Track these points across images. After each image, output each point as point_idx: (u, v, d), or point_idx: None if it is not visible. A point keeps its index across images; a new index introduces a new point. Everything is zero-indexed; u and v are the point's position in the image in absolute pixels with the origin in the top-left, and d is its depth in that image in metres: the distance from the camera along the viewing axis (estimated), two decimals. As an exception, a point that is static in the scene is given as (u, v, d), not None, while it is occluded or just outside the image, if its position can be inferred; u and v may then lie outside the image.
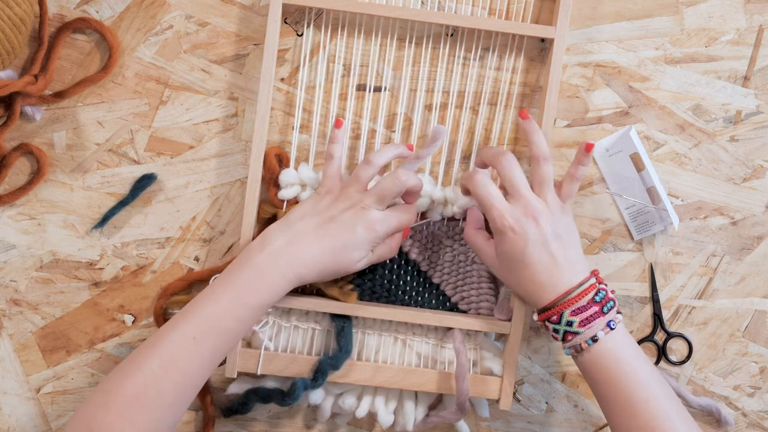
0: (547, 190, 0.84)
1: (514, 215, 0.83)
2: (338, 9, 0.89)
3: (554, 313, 0.83)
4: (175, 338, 0.78)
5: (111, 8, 0.93)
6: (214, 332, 0.79)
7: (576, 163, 0.85)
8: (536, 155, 0.84)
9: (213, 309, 0.80)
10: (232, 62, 0.93)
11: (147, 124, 0.93)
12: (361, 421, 0.97)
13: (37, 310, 0.94)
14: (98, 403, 0.76)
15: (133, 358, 0.78)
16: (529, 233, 0.83)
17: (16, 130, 0.93)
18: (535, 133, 0.85)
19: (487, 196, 0.84)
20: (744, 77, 0.95)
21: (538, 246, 0.83)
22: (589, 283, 0.83)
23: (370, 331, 0.93)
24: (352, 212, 0.84)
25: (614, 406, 0.81)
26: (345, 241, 0.84)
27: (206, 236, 0.94)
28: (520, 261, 0.83)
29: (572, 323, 0.82)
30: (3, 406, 0.95)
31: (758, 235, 0.95)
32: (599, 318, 0.82)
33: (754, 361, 0.96)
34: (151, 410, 0.76)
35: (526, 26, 0.90)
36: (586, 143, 0.84)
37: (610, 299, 0.83)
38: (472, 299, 0.93)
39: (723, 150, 0.95)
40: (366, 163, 0.86)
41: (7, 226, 0.94)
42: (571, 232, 0.85)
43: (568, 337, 0.83)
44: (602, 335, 0.81)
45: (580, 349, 0.82)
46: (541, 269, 0.83)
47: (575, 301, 0.82)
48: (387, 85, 0.93)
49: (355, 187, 0.85)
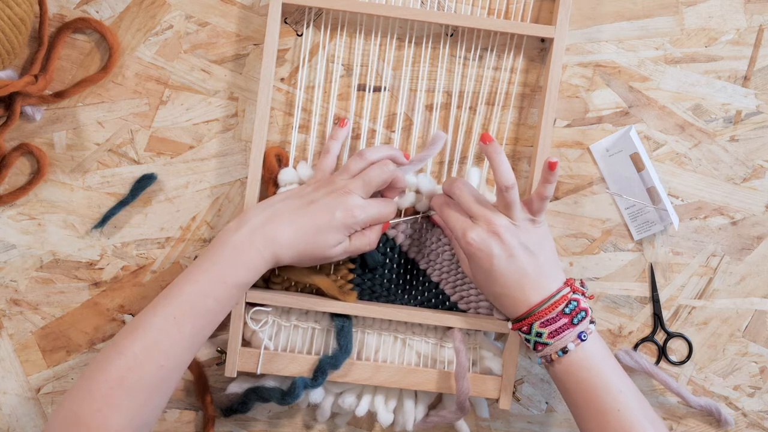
0: (513, 210, 0.83)
1: (476, 234, 0.83)
2: (338, 9, 0.89)
3: (524, 325, 0.83)
4: (156, 321, 0.78)
5: (111, 8, 0.93)
6: (194, 312, 0.79)
7: (543, 181, 0.83)
8: (499, 185, 0.82)
9: (191, 289, 0.80)
10: (232, 62, 0.93)
11: (147, 124, 0.93)
12: (361, 421, 0.97)
13: (37, 310, 0.94)
14: (82, 390, 0.76)
15: (115, 343, 0.78)
16: (494, 249, 0.83)
17: (16, 130, 0.93)
18: (497, 159, 0.82)
19: (452, 219, 0.86)
20: (744, 77, 0.95)
21: (504, 260, 0.83)
22: (560, 294, 0.83)
23: (369, 331, 0.93)
24: (334, 196, 0.84)
25: (586, 415, 0.82)
26: (322, 223, 0.83)
27: (206, 236, 0.94)
28: (489, 277, 0.84)
29: (541, 334, 0.83)
30: (3, 406, 0.95)
31: (758, 235, 0.95)
32: (569, 330, 0.82)
33: (754, 361, 0.96)
34: (135, 394, 0.76)
35: (526, 26, 0.90)
36: (549, 161, 0.81)
37: (581, 310, 0.83)
38: (472, 298, 0.93)
39: (723, 150, 0.95)
40: (358, 156, 0.87)
41: (7, 226, 0.94)
42: (543, 243, 0.85)
43: (538, 347, 0.83)
44: (572, 347, 0.82)
45: (550, 360, 0.83)
46: (511, 283, 0.83)
47: (545, 314, 0.82)
48: (387, 85, 0.93)
49: (343, 176, 0.86)
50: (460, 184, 0.87)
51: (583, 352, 0.82)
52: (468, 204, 0.85)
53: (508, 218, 0.84)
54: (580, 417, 0.82)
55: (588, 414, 0.81)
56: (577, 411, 0.83)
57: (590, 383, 0.81)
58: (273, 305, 0.90)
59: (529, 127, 0.94)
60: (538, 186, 0.84)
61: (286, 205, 0.85)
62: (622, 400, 0.80)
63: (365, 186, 0.85)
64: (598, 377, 0.81)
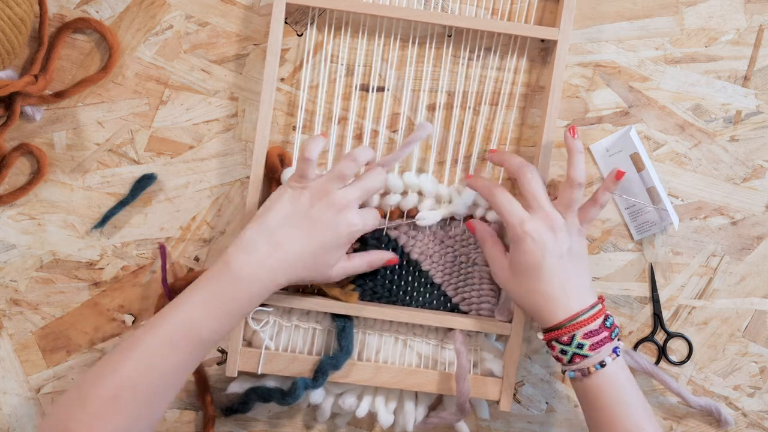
0: (571, 211, 0.85)
1: (533, 224, 0.83)
2: (341, 9, 0.89)
3: (565, 333, 0.82)
4: (153, 341, 0.77)
5: (111, 8, 0.93)
6: (191, 336, 0.78)
7: (604, 188, 0.86)
8: (572, 180, 0.84)
9: (191, 314, 0.79)
10: (232, 62, 0.93)
11: (147, 124, 0.93)
12: (361, 421, 0.97)
13: (37, 310, 0.94)
14: (74, 403, 0.75)
15: (110, 359, 0.77)
16: (548, 243, 0.83)
17: (16, 130, 0.93)
18: (577, 156, 0.84)
19: (507, 203, 0.85)
20: (744, 77, 0.95)
21: (556, 258, 0.83)
22: (598, 307, 0.83)
23: (371, 331, 0.93)
24: (334, 211, 0.83)
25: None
26: (326, 242, 0.83)
27: (206, 236, 0.94)
28: (535, 271, 0.83)
29: (583, 346, 0.82)
30: (3, 406, 0.95)
31: (758, 235, 0.95)
32: (608, 343, 0.82)
33: (754, 361, 0.96)
34: (128, 410, 0.75)
35: (530, 28, 0.90)
36: (618, 171, 0.85)
37: (616, 326, 0.84)
38: (473, 300, 0.93)
39: (723, 150, 0.95)
40: (350, 160, 0.85)
41: (7, 226, 0.93)
42: (584, 254, 0.86)
43: (575, 360, 0.82)
44: (609, 361, 0.81)
45: (588, 373, 0.82)
46: (556, 283, 0.83)
47: (587, 324, 0.82)
48: (389, 86, 0.93)
49: (336, 184, 0.84)
50: (534, 171, 0.86)
51: (616, 367, 0.82)
52: (534, 192, 0.84)
53: (563, 219, 0.84)
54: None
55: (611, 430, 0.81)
56: (600, 429, 0.82)
57: (618, 400, 0.81)
58: (274, 305, 0.90)
59: (529, 127, 0.94)
60: (598, 193, 0.86)
61: (287, 231, 0.82)
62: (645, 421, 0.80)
63: (363, 196, 0.85)
64: (627, 395, 0.81)
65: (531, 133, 0.94)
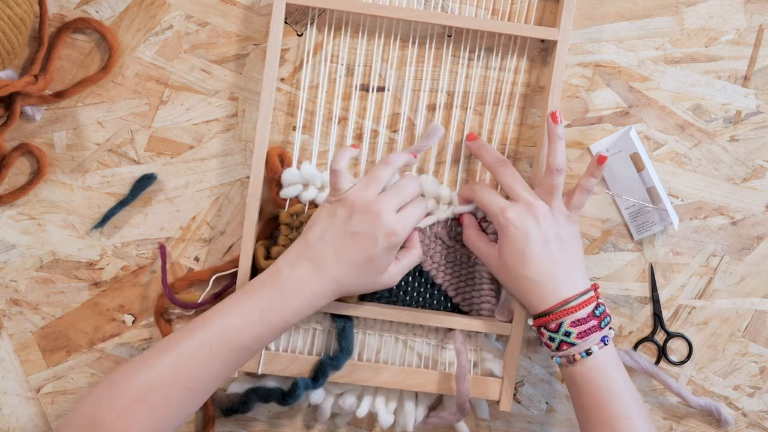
0: (554, 198, 0.85)
1: (514, 211, 0.84)
2: (341, 9, 0.89)
3: (552, 320, 0.83)
4: (190, 345, 0.77)
5: (111, 8, 0.93)
6: (231, 346, 0.78)
7: (588, 174, 0.86)
8: (550, 167, 0.85)
9: (233, 323, 0.79)
10: (232, 62, 0.93)
11: (147, 124, 0.93)
12: (361, 421, 0.97)
13: (37, 310, 0.94)
14: (104, 396, 0.75)
15: (145, 357, 0.77)
16: (531, 230, 0.83)
17: (16, 130, 0.93)
18: (557, 143, 0.85)
19: (487, 195, 0.86)
20: (744, 77, 0.95)
21: (540, 244, 0.83)
22: (589, 294, 0.83)
23: (371, 332, 0.93)
24: (371, 219, 0.81)
25: (595, 420, 0.81)
26: (368, 254, 0.81)
27: (206, 236, 0.94)
28: (520, 257, 0.84)
29: (570, 334, 0.82)
30: (3, 406, 0.95)
31: (758, 235, 0.95)
32: (596, 332, 0.82)
33: (754, 361, 0.96)
34: (156, 410, 0.75)
35: (530, 28, 0.90)
36: (599, 155, 0.85)
37: (607, 315, 0.84)
38: (474, 300, 0.93)
39: (723, 150, 0.95)
40: (386, 165, 0.85)
41: (7, 226, 0.93)
42: (575, 241, 0.86)
43: (563, 347, 0.83)
44: (596, 349, 0.82)
45: (573, 361, 0.83)
46: (542, 268, 0.83)
47: (575, 311, 0.82)
48: (389, 86, 0.93)
49: (374, 190, 0.83)
50: (507, 164, 0.87)
51: (603, 356, 0.82)
52: (510, 184, 0.86)
53: (546, 206, 0.84)
54: (588, 421, 0.82)
55: (598, 418, 0.81)
56: (587, 415, 0.82)
57: (605, 388, 0.81)
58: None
59: (529, 126, 0.94)
60: (583, 178, 0.86)
61: (326, 248, 0.82)
62: (633, 410, 0.81)
63: (400, 203, 0.83)
64: (614, 383, 0.82)
65: (531, 133, 0.94)
